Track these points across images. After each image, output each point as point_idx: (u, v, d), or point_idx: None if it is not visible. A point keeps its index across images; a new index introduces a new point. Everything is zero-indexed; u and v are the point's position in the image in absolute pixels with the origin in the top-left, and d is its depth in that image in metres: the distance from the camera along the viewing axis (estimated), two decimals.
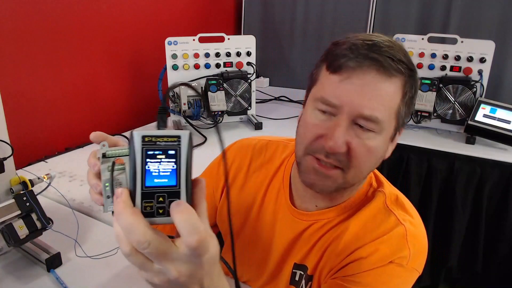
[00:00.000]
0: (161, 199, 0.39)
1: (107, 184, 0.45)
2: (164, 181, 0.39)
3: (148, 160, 0.38)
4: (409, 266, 0.62)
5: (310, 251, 0.71)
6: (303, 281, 0.72)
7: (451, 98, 1.66)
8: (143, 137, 0.38)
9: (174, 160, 0.39)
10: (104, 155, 0.45)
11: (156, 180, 0.39)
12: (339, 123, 0.59)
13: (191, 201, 0.40)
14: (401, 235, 0.64)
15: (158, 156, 0.39)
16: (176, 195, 0.39)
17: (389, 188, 0.72)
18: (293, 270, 0.73)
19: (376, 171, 0.75)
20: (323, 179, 0.62)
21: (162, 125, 0.42)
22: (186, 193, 0.40)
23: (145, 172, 0.38)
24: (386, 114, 0.59)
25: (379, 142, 0.61)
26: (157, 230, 0.39)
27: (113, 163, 0.45)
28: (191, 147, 0.40)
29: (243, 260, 0.80)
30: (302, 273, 0.72)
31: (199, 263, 0.40)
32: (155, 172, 0.39)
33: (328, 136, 0.59)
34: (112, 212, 0.42)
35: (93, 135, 0.47)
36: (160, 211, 0.39)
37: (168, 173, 0.39)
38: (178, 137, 0.39)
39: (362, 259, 0.63)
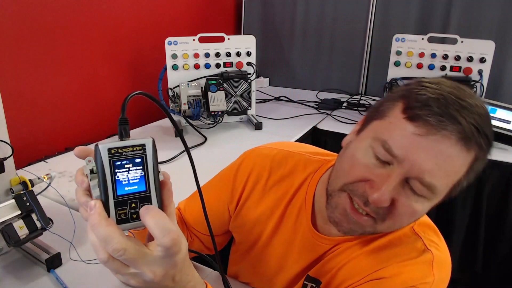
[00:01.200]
0: (133, 205, 0.42)
1: None
2: (134, 188, 0.42)
3: (116, 170, 0.41)
4: None
5: (325, 267, 0.69)
6: None
7: None
8: (109, 149, 0.40)
9: (141, 167, 0.42)
10: (92, 171, 0.45)
11: (126, 188, 0.41)
12: (392, 176, 0.52)
13: (161, 203, 0.43)
14: (428, 261, 0.61)
15: (126, 166, 0.41)
16: (147, 199, 0.42)
17: None
18: (305, 282, 0.71)
19: None
20: (351, 223, 0.58)
21: (124, 135, 0.44)
22: (157, 196, 0.43)
23: (115, 182, 0.41)
24: (445, 185, 0.53)
25: (426, 208, 0.56)
26: (131, 237, 0.41)
27: None
28: (155, 153, 0.42)
29: (256, 270, 0.80)
30: (315, 285, 0.70)
31: (173, 263, 0.42)
32: (125, 180, 0.41)
33: (375, 186, 0.53)
34: None
35: (77, 151, 0.46)
36: (134, 216, 0.42)
37: (137, 180, 0.42)
38: (143, 145, 0.42)
39: (384, 278, 0.61)
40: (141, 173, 0.42)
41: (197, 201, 0.82)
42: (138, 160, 0.41)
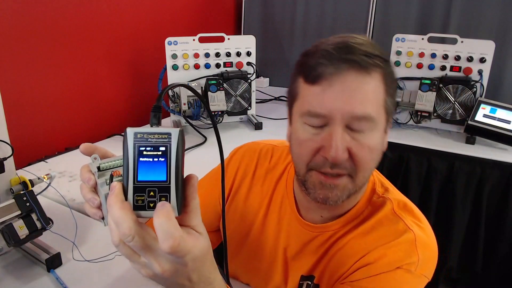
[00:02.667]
0: (152, 193, 0.41)
1: None
2: (155, 176, 0.41)
3: (140, 155, 0.40)
4: (417, 272, 0.61)
5: (317, 263, 0.70)
6: None
7: (451, 98, 1.66)
8: (136, 133, 0.40)
9: (164, 156, 0.41)
10: (98, 168, 0.45)
11: (147, 175, 0.40)
12: (333, 131, 0.57)
13: (182, 196, 0.42)
14: (410, 241, 0.63)
15: (149, 152, 0.40)
16: (166, 190, 0.41)
17: (396, 194, 0.70)
18: (300, 282, 0.72)
19: (381, 177, 0.74)
20: (333, 190, 0.61)
21: (154, 122, 0.43)
22: (176, 188, 0.41)
23: (137, 166, 0.40)
24: (375, 109, 0.58)
25: (377, 138, 0.60)
26: (144, 225, 0.40)
27: (111, 176, 0.44)
28: (182, 144, 0.41)
29: (250, 267, 0.80)
30: (310, 282, 0.71)
31: (182, 262, 0.41)
32: (147, 167, 0.40)
33: (327, 147, 0.58)
34: None
35: (82, 147, 0.46)
36: (151, 205, 0.41)
37: (159, 169, 0.41)
38: (169, 134, 0.41)
39: (370, 264, 0.63)
40: (163, 162, 0.41)
41: None
42: (162, 148, 0.40)
